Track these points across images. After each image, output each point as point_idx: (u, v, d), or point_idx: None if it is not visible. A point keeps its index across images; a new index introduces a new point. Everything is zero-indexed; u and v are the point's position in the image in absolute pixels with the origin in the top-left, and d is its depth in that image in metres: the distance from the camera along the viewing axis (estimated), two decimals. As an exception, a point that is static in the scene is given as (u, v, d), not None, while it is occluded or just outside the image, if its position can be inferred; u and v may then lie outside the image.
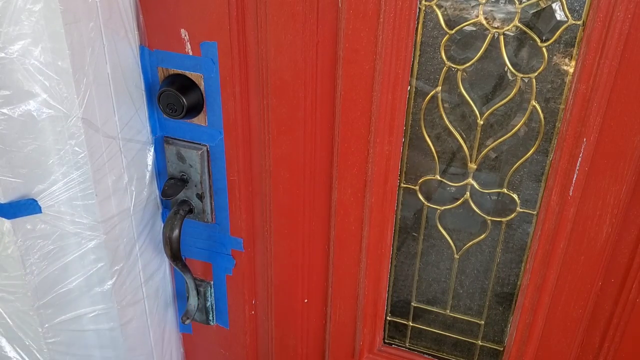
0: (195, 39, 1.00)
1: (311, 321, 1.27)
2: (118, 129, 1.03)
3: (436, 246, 1.12)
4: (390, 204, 1.07)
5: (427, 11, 0.91)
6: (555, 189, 0.95)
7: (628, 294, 0.99)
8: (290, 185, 1.10)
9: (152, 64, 1.06)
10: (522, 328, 1.10)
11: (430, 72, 0.96)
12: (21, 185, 0.97)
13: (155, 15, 1.01)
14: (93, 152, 0.98)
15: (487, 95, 0.95)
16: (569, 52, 0.87)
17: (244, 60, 1.01)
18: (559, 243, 0.99)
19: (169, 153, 1.13)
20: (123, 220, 1.09)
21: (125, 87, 1.02)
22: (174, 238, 1.13)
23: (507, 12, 0.87)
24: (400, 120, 0.99)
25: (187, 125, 1.10)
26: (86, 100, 0.94)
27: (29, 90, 0.90)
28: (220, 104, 1.05)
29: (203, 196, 1.15)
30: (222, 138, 1.09)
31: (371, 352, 1.25)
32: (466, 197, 1.04)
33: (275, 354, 1.33)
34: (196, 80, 1.04)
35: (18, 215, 0.98)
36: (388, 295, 1.19)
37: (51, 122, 0.93)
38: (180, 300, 1.34)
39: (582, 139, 0.89)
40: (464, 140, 0.99)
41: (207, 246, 1.24)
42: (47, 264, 1.04)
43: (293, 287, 1.22)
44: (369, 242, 1.10)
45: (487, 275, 1.11)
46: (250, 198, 1.16)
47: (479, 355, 1.20)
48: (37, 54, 0.88)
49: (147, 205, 1.16)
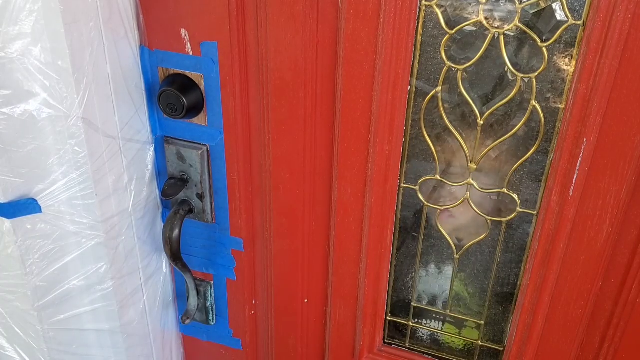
0: (195, 38, 1.01)
1: (311, 321, 1.27)
2: (118, 129, 1.02)
3: (436, 246, 1.12)
4: (390, 204, 1.07)
5: (427, 11, 0.91)
6: (556, 189, 0.95)
7: (628, 294, 0.99)
8: (291, 185, 1.10)
9: (152, 63, 1.06)
10: (522, 328, 1.10)
11: (431, 72, 0.96)
12: (21, 185, 0.96)
13: (155, 15, 1.01)
14: (93, 152, 0.98)
15: (487, 95, 0.95)
16: (569, 52, 0.87)
17: (244, 60, 1.01)
18: (559, 243, 0.99)
19: (169, 153, 1.13)
20: (123, 220, 1.09)
21: (125, 87, 1.02)
22: (174, 238, 1.13)
23: (507, 12, 0.87)
24: (400, 120, 0.99)
25: (187, 125, 1.10)
26: (86, 100, 0.94)
27: (29, 90, 0.90)
28: (220, 103, 1.05)
29: (203, 196, 1.15)
30: (222, 138, 1.09)
31: (371, 352, 1.25)
32: (466, 197, 1.04)
33: (276, 354, 1.33)
34: (196, 80, 1.04)
35: (18, 214, 0.98)
36: (388, 295, 1.19)
37: (51, 122, 0.93)
38: (180, 300, 1.34)
39: (582, 139, 0.89)
40: (464, 140, 0.99)
41: (207, 246, 1.24)
42: (47, 264, 1.04)
43: (293, 287, 1.22)
44: (369, 242, 1.10)
45: (487, 275, 1.11)
46: (250, 198, 1.16)
47: (479, 356, 1.20)
48: (37, 53, 0.87)
49: (147, 205, 1.16)
